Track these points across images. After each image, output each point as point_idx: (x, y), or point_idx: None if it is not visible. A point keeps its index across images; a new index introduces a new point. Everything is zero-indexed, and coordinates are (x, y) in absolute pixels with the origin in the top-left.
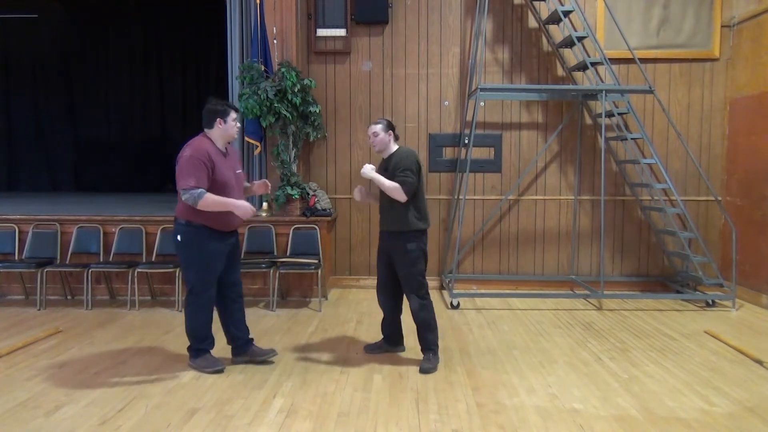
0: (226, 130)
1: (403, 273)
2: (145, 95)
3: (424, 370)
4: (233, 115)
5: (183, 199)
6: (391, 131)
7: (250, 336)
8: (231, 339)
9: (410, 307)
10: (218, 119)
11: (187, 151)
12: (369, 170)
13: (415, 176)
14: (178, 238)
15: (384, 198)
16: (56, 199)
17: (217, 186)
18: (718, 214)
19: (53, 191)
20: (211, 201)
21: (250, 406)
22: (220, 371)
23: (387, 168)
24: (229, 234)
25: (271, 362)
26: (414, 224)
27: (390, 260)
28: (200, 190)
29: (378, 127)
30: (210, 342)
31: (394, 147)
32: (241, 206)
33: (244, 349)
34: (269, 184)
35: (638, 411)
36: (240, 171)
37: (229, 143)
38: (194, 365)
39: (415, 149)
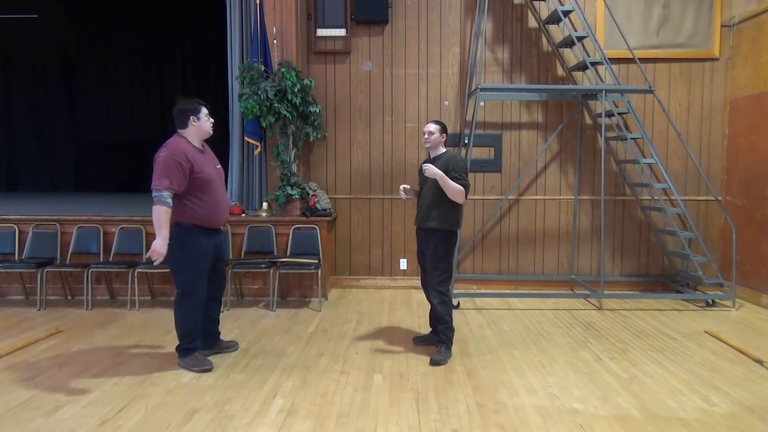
0: (200, 126)
1: (430, 268)
2: (145, 95)
3: (434, 362)
4: (205, 111)
5: (153, 196)
6: (444, 134)
7: (219, 331)
8: (205, 333)
9: (431, 300)
10: (191, 117)
11: (163, 152)
12: (435, 168)
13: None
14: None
15: (425, 197)
16: (56, 199)
17: (201, 183)
18: (718, 214)
19: (53, 191)
20: (161, 215)
21: (250, 406)
22: (209, 370)
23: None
24: (216, 231)
25: (235, 349)
26: (449, 224)
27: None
28: (168, 200)
29: (435, 128)
30: (199, 341)
31: (443, 149)
32: (160, 246)
33: (214, 343)
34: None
35: (638, 411)
36: (219, 167)
37: (205, 141)
38: (183, 364)
39: (412, 151)
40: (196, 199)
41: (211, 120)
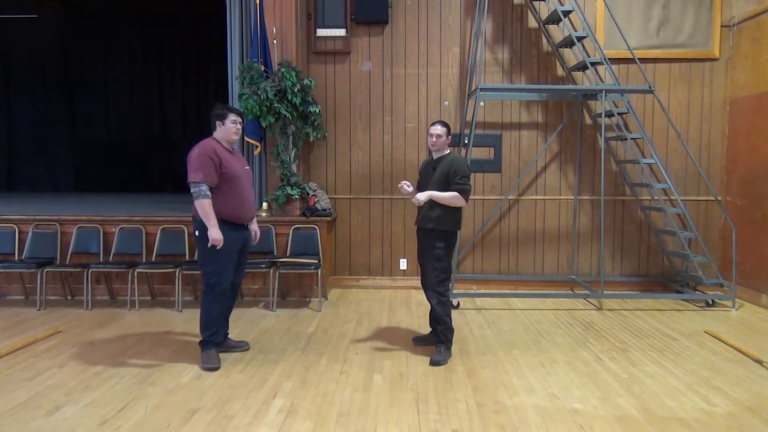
0: (225, 131)
1: (428, 268)
2: (145, 95)
3: (434, 362)
4: (232, 117)
5: (191, 191)
6: (449, 135)
7: (227, 331)
8: None
9: (430, 300)
10: (218, 122)
11: (195, 150)
12: (423, 196)
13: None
14: (197, 233)
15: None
16: (56, 199)
17: (227, 177)
18: (718, 214)
19: (53, 191)
20: (205, 207)
21: (250, 406)
22: (214, 369)
23: (435, 167)
24: (242, 227)
25: (245, 350)
26: (449, 225)
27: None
28: (206, 191)
29: (442, 130)
30: (219, 334)
31: (447, 150)
32: (215, 233)
33: (222, 341)
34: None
35: (638, 411)
36: (248, 168)
37: (232, 145)
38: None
39: (416, 150)
40: (223, 194)
41: (238, 126)
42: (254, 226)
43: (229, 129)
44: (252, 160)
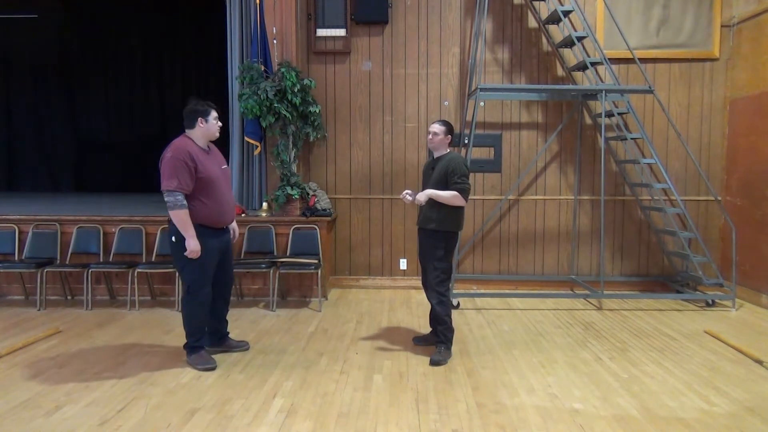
0: (207, 129)
1: (429, 268)
2: (145, 95)
3: (434, 362)
4: (214, 114)
5: (165, 200)
6: (450, 135)
7: (228, 331)
8: (211, 331)
9: (430, 300)
10: (199, 119)
11: (168, 153)
12: (423, 195)
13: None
14: (173, 239)
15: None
16: (56, 199)
17: (204, 182)
18: (718, 214)
19: (53, 191)
20: (182, 218)
21: (250, 406)
22: (212, 369)
23: (434, 167)
24: (222, 230)
25: (245, 350)
26: (449, 226)
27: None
28: (183, 201)
29: (439, 129)
30: (206, 339)
31: (446, 150)
32: (193, 245)
33: (222, 341)
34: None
35: (638, 411)
36: (226, 166)
37: (211, 141)
38: (189, 362)
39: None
40: (201, 199)
41: (219, 123)
42: (233, 224)
43: (211, 127)
44: (252, 160)
